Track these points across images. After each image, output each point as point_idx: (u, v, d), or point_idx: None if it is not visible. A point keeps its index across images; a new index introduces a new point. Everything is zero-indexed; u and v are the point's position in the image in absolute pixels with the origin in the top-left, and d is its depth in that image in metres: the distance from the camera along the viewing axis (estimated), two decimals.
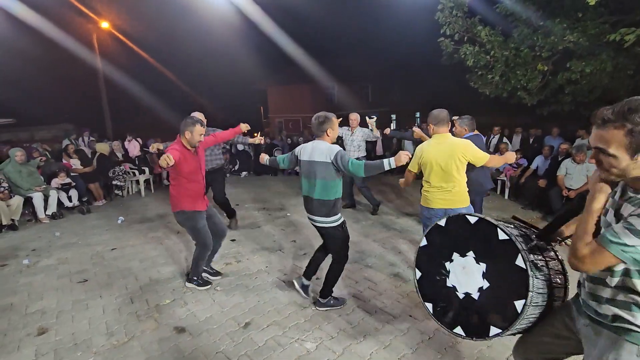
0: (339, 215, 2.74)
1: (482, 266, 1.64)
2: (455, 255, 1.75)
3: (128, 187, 7.70)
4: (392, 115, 25.76)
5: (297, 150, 2.84)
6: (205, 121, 3.79)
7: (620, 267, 1.20)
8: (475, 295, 1.65)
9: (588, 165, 5.19)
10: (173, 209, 3.14)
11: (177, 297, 3.21)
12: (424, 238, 1.94)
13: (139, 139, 9.54)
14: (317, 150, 2.65)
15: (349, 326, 2.69)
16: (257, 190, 7.88)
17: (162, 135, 9.77)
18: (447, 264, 1.78)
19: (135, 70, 19.23)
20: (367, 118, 5.19)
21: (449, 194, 2.86)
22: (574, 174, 5.28)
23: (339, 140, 5.69)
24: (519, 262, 1.49)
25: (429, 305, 1.88)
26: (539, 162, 6.46)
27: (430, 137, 3.05)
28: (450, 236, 1.78)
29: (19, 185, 5.63)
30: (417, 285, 1.96)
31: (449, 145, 2.84)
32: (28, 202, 5.71)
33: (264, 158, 3.11)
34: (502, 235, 1.55)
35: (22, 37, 14.49)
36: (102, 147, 7.48)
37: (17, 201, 5.40)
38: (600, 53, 5.95)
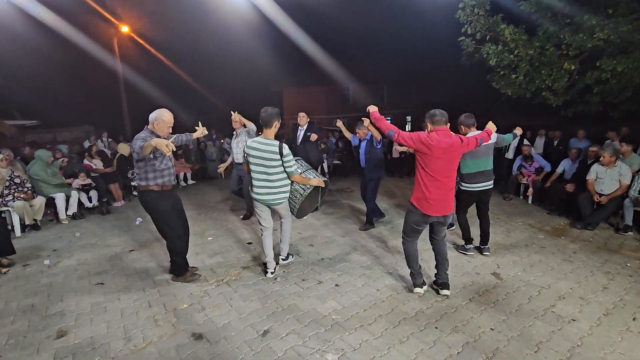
0: None
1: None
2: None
3: None
4: (407, 117, 25.43)
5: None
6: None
7: None
8: None
9: (620, 169, 4.93)
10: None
11: (194, 302, 3.16)
12: None
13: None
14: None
15: (372, 337, 2.58)
16: None
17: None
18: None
19: (153, 72, 19.59)
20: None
21: None
22: (605, 178, 5.01)
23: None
24: None
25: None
26: (565, 165, 6.18)
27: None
28: None
29: (50, 183, 5.78)
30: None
31: None
32: (50, 203, 5.81)
33: None
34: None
35: (45, 41, 14.94)
36: (123, 148, 7.56)
37: (40, 201, 5.50)
38: (634, 50, 5.65)
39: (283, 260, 3.86)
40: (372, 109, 3.20)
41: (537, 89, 7.02)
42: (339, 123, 5.29)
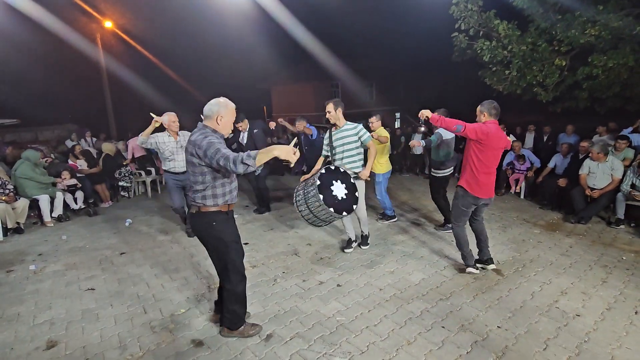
0: None
1: (343, 185, 3.46)
2: (334, 182, 3.42)
3: (134, 188, 7.56)
4: (396, 114, 25.50)
5: None
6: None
7: None
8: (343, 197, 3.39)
9: (612, 164, 4.99)
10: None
11: (192, 306, 3.04)
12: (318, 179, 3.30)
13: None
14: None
15: (379, 339, 2.52)
16: None
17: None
18: (331, 186, 3.38)
19: (138, 69, 19.04)
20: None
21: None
22: (597, 173, 5.07)
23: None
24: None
25: (331, 209, 3.21)
26: (556, 160, 6.24)
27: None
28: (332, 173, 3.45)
29: (43, 182, 5.59)
30: (323, 201, 3.19)
31: None
32: (33, 205, 5.56)
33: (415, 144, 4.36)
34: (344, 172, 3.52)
35: (27, 37, 14.34)
36: (108, 148, 7.33)
37: (22, 204, 5.25)
38: (624, 47, 5.72)
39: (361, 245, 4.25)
40: (428, 113, 3.25)
41: (529, 85, 7.08)
42: (281, 120, 6.00)
